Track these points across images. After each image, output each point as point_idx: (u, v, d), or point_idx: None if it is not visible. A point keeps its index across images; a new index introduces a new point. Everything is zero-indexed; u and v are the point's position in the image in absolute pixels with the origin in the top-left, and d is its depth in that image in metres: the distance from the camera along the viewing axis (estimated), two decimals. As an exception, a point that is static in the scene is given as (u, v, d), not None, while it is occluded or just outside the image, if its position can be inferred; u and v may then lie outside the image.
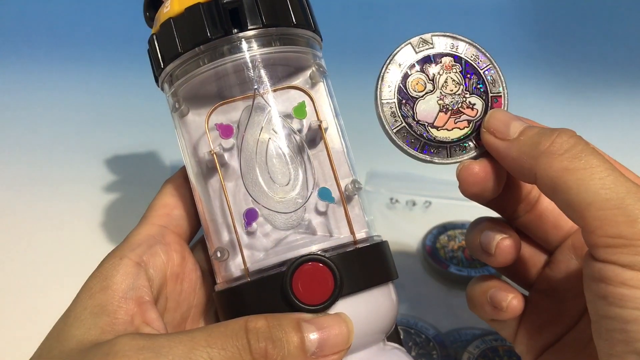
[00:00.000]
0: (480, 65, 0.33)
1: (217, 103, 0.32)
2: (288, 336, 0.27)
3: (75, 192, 0.55)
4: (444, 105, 0.32)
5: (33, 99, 0.66)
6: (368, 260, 0.31)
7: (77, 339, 0.27)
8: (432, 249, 0.54)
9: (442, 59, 0.32)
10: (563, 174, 0.27)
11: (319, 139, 0.33)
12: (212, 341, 0.26)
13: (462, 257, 0.53)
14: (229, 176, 0.33)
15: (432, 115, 0.32)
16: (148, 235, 0.33)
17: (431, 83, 0.32)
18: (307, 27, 0.33)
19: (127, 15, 0.69)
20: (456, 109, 0.32)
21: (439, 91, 0.32)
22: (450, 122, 0.32)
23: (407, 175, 0.61)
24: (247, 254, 0.32)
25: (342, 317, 0.28)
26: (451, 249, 0.54)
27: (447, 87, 0.32)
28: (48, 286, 0.47)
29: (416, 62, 0.32)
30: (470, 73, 0.32)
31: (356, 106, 0.64)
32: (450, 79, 0.32)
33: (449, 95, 0.32)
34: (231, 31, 0.31)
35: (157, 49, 0.33)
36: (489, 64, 0.33)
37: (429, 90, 0.32)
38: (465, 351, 0.44)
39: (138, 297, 0.30)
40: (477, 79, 0.32)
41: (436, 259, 0.53)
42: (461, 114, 0.32)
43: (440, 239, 0.55)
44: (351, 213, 0.33)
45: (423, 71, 0.32)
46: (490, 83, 0.32)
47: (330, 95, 0.35)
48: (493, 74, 0.33)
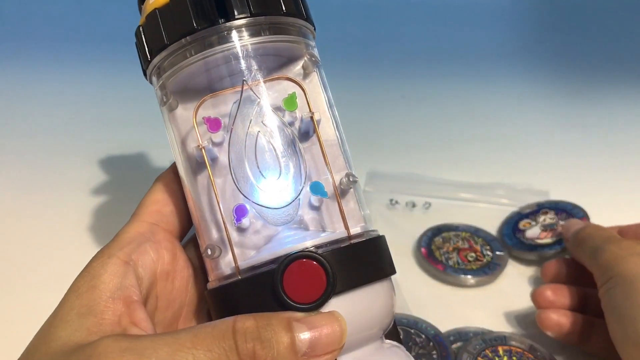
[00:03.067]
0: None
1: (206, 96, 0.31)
2: (278, 336, 0.26)
3: (68, 192, 0.55)
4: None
5: (26, 99, 0.65)
6: (363, 256, 0.30)
7: (63, 340, 0.27)
8: (427, 251, 0.54)
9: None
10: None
11: (313, 132, 0.32)
12: (197, 342, 0.25)
13: (457, 259, 0.53)
14: (218, 171, 0.32)
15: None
16: (137, 233, 0.32)
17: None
18: (298, 15, 0.32)
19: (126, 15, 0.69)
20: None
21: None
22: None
23: (406, 176, 0.60)
24: (239, 251, 0.31)
25: (334, 316, 0.27)
26: (446, 251, 0.54)
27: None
28: (39, 286, 0.47)
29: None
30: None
31: (356, 106, 0.64)
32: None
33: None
34: (218, 21, 0.30)
35: (144, 40, 0.32)
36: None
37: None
38: (465, 351, 0.44)
39: (126, 296, 0.29)
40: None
41: (432, 260, 0.53)
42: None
43: (435, 241, 0.55)
44: (346, 207, 0.32)
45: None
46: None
47: (324, 86, 0.34)
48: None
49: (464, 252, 0.53)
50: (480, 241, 0.55)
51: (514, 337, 0.44)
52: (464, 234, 0.55)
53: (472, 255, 0.53)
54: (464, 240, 0.54)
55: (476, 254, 0.53)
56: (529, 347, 0.43)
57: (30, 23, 0.74)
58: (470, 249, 0.54)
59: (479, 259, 0.53)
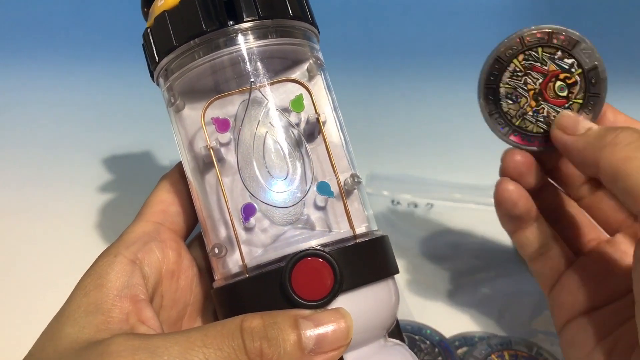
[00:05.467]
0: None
1: (213, 97, 0.31)
2: (284, 334, 0.26)
3: (74, 191, 0.55)
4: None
5: (30, 98, 0.65)
6: (368, 255, 0.30)
7: (71, 338, 0.27)
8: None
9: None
10: (624, 162, 0.29)
11: (318, 133, 0.33)
12: (208, 341, 0.25)
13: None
14: (226, 171, 0.32)
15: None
16: (143, 233, 0.32)
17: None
18: (304, 19, 0.33)
19: (125, 14, 0.69)
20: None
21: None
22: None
23: (408, 177, 0.61)
24: (246, 250, 0.31)
25: (341, 312, 0.27)
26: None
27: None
28: (45, 285, 0.47)
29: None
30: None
31: (356, 107, 0.64)
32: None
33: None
34: (226, 23, 0.31)
35: (152, 42, 0.32)
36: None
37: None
38: (471, 356, 0.44)
39: (133, 295, 0.29)
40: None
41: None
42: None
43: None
44: (350, 207, 0.32)
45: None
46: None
47: (329, 88, 0.34)
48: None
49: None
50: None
51: (520, 341, 0.44)
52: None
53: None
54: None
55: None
56: (536, 351, 0.43)
57: (31, 23, 0.74)
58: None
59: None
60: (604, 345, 0.33)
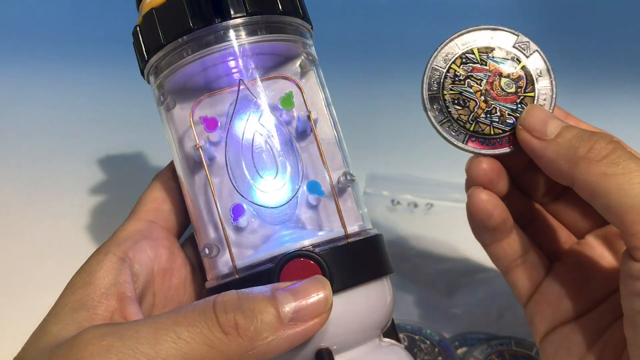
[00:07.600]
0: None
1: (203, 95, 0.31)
2: (260, 305, 0.25)
3: (66, 191, 0.55)
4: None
5: (21, 99, 0.65)
6: (361, 255, 0.30)
7: (53, 335, 0.27)
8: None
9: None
10: (602, 180, 0.27)
11: (310, 131, 0.32)
12: (179, 320, 0.24)
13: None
14: (216, 171, 0.32)
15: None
16: (135, 231, 0.32)
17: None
18: (294, 14, 0.32)
19: (119, 14, 0.69)
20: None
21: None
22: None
23: (408, 177, 0.60)
24: (236, 251, 0.30)
25: (318, 280, 0.26)
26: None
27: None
28: (38, 286, 0.46)
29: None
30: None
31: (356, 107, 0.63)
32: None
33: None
34: (214, 20, 0.30)
35: (141, 40, 0.32)
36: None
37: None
38: (471, 356, 0.43)
39: (120, 293, 0.29)
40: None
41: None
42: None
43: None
44: (343, 206, 0.31)
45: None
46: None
47: (322, 85, 0.34)
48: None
49: None
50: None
51: (520, 341, 0.44)
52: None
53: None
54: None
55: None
56: (536, 351, 0.43)
57: (29, 22, 0.74)
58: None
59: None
60: (594, 351, 0.32)
